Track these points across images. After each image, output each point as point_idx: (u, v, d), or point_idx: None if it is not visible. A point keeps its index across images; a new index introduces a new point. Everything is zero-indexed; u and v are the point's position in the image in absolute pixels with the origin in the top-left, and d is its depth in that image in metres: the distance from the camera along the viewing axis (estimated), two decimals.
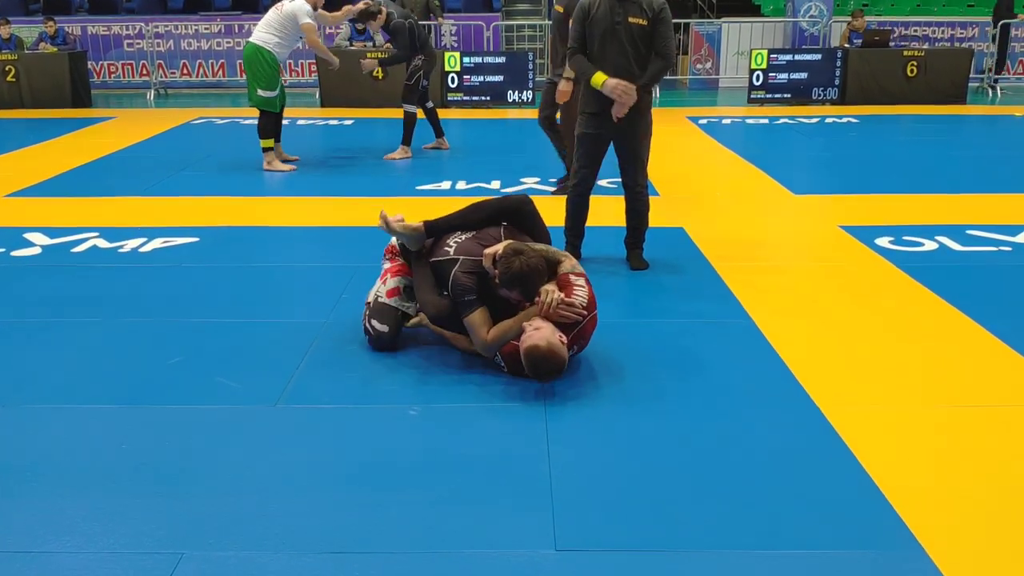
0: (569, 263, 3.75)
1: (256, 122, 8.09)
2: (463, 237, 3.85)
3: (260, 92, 7.77)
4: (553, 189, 7.03)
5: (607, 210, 5.84)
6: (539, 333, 3.44)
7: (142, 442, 3.12)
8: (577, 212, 5.11)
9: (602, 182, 6.33)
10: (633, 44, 4.69)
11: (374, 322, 3.86)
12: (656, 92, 10.95)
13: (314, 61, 13.42)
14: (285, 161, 8.16)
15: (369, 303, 3.94)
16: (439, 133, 8.94)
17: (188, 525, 2.63)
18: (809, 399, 3.43)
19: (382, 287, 3.97)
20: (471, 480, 2.88)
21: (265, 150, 7.97)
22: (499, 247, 3.63)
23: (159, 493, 2.80)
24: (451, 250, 3.78)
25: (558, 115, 6.75)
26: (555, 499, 2.76)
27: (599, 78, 4.70)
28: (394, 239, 4.07)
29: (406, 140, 8.56)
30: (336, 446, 3.11)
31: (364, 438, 3.16)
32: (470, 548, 2.53)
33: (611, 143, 4.97)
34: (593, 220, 5.22)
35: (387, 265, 4.07)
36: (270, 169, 7.91)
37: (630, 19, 4.66)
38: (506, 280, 3.53)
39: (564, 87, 6.22)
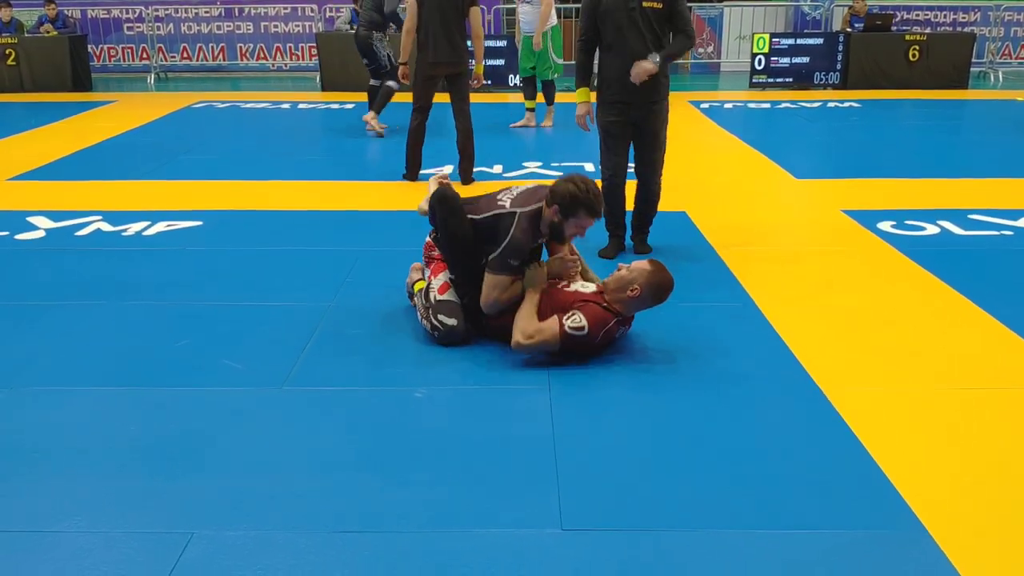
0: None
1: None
2: (515, 192, 3.83)
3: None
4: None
5: None
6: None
7: (150, 424, 3.14)
8: (614, 202, 4.98)
9: None
10: (651, 29, 4.67)
11: (441, 317, 3.74)
12: None
13: (315, 45, 13.35)
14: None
15: (429, 305, 3.81)
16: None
17: (197, 505, 2.65)
18: (812, 381, 3.46)
19: (435, 282, 3.86)
20: (477, 461, 2.90)
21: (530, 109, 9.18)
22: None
23: (168, 474, 2.83)
24: (506, 204, 3.74)
25: None
26: (561, 479, 2.78)
27: (580, 95, 4.94)
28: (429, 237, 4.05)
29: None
30: (342, 428, 3.13)
31: (370, 420, 3.18)
32: (476, 528, 2.55)
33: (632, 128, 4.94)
34: None
35: (432, 265, 3.99)
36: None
37: (644, 4, 4.64)
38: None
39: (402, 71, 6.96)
